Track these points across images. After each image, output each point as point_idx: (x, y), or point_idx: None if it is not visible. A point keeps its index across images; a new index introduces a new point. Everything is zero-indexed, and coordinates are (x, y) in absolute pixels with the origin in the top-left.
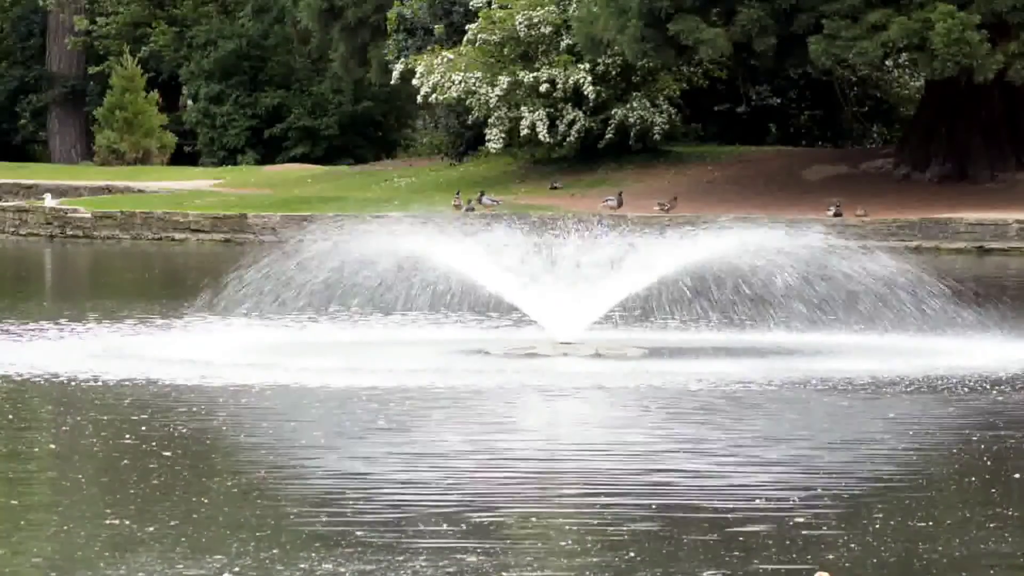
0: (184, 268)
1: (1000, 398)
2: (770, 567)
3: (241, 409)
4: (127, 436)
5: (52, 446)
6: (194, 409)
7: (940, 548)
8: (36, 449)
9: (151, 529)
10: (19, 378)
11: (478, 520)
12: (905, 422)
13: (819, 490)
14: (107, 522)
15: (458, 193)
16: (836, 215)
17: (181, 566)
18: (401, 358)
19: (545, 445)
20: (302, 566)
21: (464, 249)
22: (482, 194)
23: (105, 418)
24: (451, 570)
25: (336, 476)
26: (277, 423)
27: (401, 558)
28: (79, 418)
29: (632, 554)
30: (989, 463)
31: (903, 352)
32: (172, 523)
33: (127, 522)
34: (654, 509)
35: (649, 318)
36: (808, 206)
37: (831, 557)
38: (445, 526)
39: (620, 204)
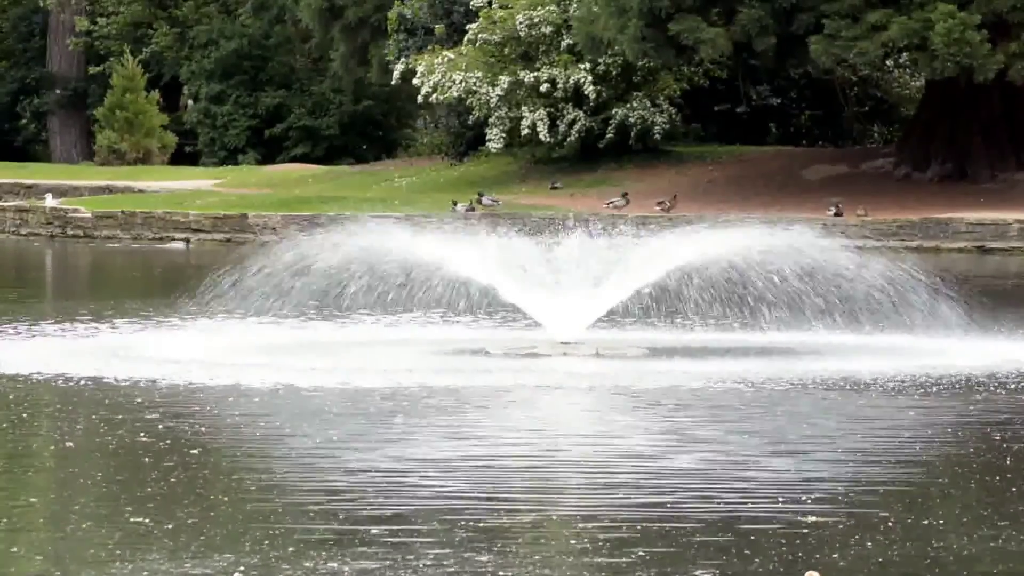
0: (184, 268)
1: (1023, 397)
2: (776, 567)
3: (253, 408)
4: (142, 434)
5: (69, 444)
6: (206, 408)
7: (953, 546)
8: (52, 447)
9: (169, 527)
10: (26, 378)
11: (479, 519)
12: (924, 421)
13: (832, 489)
14: (126, 520)
15: (454, 202)
16: (836, 215)
17: (188, 565)
18: (401, 358)
19: (546, 445)
20: (307, 564)
21: (464, 250)
22: (481, 195)
23: (118, 417)
24: (452, 569)
25: (348, 475)
26: (288, 422)
27: (410, 557)
28: (93, 417)
29: (641, 553)
30: (1009, 461)
31: (916, 352)
32: (189, 521)
33: (145, 520)
34: (660, 510)
35: (674, 317)
36: (808, 206)
37: (835, 556)
38: (447, 525)
39: (627, 203)
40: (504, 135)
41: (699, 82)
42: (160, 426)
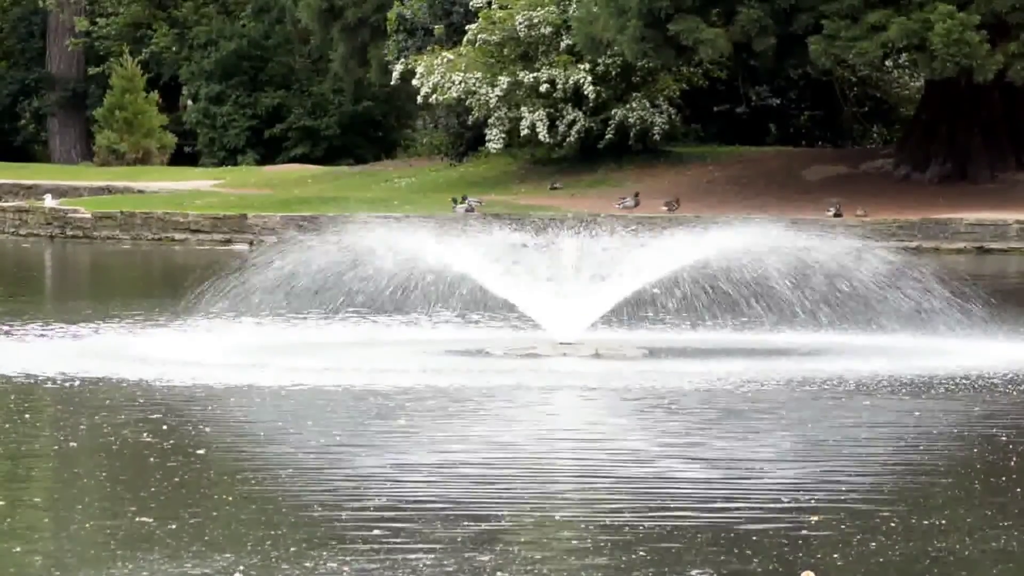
0: (184, 268)
1: None
2: (776, 567)
3: (256, 409)
4: (145, 435)
5: (72, 444)
6: (209, 409)
7: (956, 547)
8: (56, 447)
9: (172, 527)
10: (26, 379)
11: (478, 520)
12: (927, 421)
13: (834, 489)
14: (129, 520)
15: (454, 199)
16: (836, 215)
17: (189, 565)
18: (401, 358)
19: (546, 445)
20: (307, 564)
21: (464, 250)
22: (465, 198)
23: (121, 417)
24: (452, 569)
25: (349, 475)
26: (290, 423)
27: (410, 557)
28: (95, 417)
29: (641, 553)
30: (1013, 463)
31: (918, 352)
32: (192, 521)
33: (149, 520)
34: (660, 510)
35: (664, 319)
36: (808, 206)
37: (836, 556)
38: (447, 526)
39: (637, 204)
40: (503, 135)
41: (699, 82)
42: (163, 426)
